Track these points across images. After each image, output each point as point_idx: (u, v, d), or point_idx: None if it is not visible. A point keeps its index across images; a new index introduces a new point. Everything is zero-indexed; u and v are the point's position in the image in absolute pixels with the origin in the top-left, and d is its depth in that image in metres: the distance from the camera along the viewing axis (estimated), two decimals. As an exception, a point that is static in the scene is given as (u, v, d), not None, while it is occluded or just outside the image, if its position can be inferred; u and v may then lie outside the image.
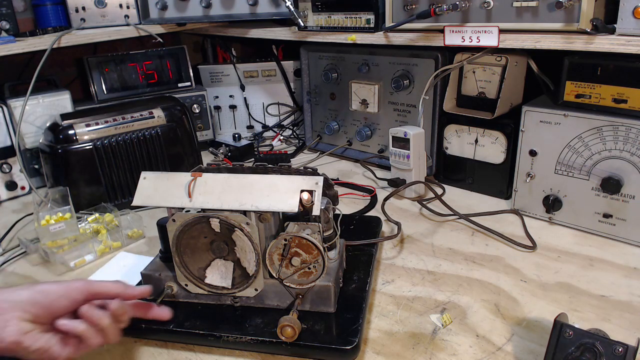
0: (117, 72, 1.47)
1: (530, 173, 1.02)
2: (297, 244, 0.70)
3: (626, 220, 0.92)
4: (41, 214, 1.03)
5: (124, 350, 0.73)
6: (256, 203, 0.69)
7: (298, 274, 0.72)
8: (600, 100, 0.91)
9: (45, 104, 1.30)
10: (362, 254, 0.87)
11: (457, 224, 1.05)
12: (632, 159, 0.89)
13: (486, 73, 1.10)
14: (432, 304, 0.79)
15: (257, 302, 0.76)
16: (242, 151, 1.51)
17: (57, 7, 1.33)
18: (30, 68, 1.40)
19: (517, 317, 0.76)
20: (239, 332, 0.70)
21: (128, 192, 1.18)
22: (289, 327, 0.66)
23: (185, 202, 0.71)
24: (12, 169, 1.29)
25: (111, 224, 1.06)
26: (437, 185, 1.22)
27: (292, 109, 1.68)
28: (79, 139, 1.12)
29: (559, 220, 1.01)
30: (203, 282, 0.75)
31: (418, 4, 1.06)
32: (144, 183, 0.74)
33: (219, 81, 1.63)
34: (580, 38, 0.86)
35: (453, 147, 1.19)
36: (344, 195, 1.22)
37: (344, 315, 0.73)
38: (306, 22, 1.27)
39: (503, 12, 0.94)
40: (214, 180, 0.72)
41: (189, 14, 1.39)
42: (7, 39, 1.20)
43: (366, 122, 1.38)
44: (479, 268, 0.89)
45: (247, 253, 0.72)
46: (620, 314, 0.75)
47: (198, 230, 0.72)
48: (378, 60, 1.29)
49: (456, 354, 0.69)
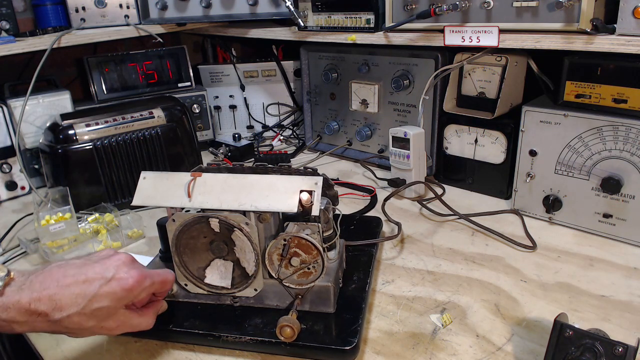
0: (117, 72, 1.47)
1: (530, 173, 1.02)
2: (296, 244, 0.70)
3: (626, 220, 0.92)
4: (41, 214, 1.03)
5: (124, 350, 0.73)
6: (255, 203, 0.69)
7: (297, 274, 0.72)
8: (600, 100, 0.91)
9: (45, 104, 1.30)
10: (362, 254, 0.87)
11: (457, 224, 1.05)
12: (632, 159, 0.89)
13: (486, 73, 1.10)
14: (432, 304, 0.79)
15: (257, 302, 0.76)
16: (242, 151, 1.51)
17: (57, 7, 1.33)
18: (30, 68, 1.40)
19: (517, 317, 0.76)
20: (239, 332, 0.70)
21: (128, 192, 1.18)
22: (288, 328, 0.66)
23: (184, 202, 0.71)
24: (12, 169, 1.29)
25: (111, 224, 1.06)
26: (437, 185, 1.22)
27: (292, 109, 1.68)
28: (79, 139, 1.12)
29: (559, 220, 1.01)
30: (203, 282, 0.75)
31: (418, 4, 1.06)
32: (144, 183, 0.74)
33: (219, 81, 1.63)
34: (580, 38, 0.86)
35: (453, 147, 1.19)
36: (344, 195, 1.22)
37: (344, 315, 0.73)
38: (306, 22, 1.27)
39: (503, 12, 0.94)
40: (213, 180, 0.72)
41: (189, 14, 1.39)
42: (7, 39, 1.20)
43: (366, 122, 1.38)
44: (479, 268, 0.89)
45: (247, 253, 0.72)
46: (620, 314, 0.75)
47: (197, 230, 0.72)
48: (378, 60, 1.29)
49: (456, 354, 0.69)
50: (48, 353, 0.74)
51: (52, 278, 0.59)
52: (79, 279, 0.59)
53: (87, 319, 0.60)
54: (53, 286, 0.58)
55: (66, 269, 0.61)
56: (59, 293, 0.58)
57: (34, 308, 0.57)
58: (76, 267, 0.61)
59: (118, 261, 0.63)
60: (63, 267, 0.61)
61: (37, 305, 0.57)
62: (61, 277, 0.59)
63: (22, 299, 0.57)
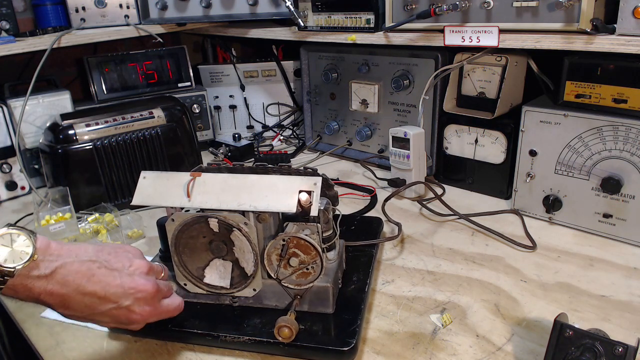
0: (117, 72, 1.47)
1: (530, 173, 1.02)
2: (295, 244, 0.70)
3: (626, 220, 0.92)
4: (41, 214, 1.03)
5: (124, 350, 0.73)
6: (254, 203, 0.69)
7: (296, 274, 0.72)
8: (600, 100, 0.91)
9: (45, 104, 1.30)
10: (362, 255, 0.87)
11: (457, 224, 1.05)
12: (632, 159, 0.88)
13: (486, 73, 1.10)
14: (432, 304, 0.79)
15: (256, 302, 0.76)
16: (242, 151, 1.51)
17: (57, 7, 1.33)
18: (30, 68, 1.40)
19: (517, 317, 0.76)
20: (237, 332, 0.70)
21: (128, 192, 1.18)
22: (286, 328, 0.66)
23: (184, 202, 0.71)
24: (12, 169, 1.29)
25: (111, 224, 1.06)
26: (437, 185, 1.22)
27: (292, 109, 1.68)
28: (79, 139, 1.12)
29: (559, 220, 1.01)
30: (202, 282, 0.75)
31: (418, 4, 1.06)
32: (144, 182, 0.74)
33: (219, 81, 1.63)
34: (580, 38, 0.86)
35: (453, 147, 1.19)
36: (344, 195, 1.21)
37: (343, 316, 0.73)
38: (306, 22, 1.27)
39: (503, 12, 0.94)
40: (213, 180, 0.72)
41: (189, 14, 1.39)
42: (7, 39, 1.20)
43: (366, 122, 1.38)
44: (479, 268, 0.89)
45: (246, 253, 0.72)
46: (620, 314, 0.75)
47: (197, 230, 0.72)
48: (378, 60, 1.29)
49: (456, 354, 0.69)
50: (48, 353, 0.74)
51: (77, 277, 0.58)
52: (99, 293, 0.59)
53: (84, 320, 0.63)
54: (72, 289, 0.58)
55: (95, 272, 0.60)
56: (73, 298, 0.58)
57: (43, 299, 0.57)
58: (104, 275, 0.60)
59: (141, 292, 0.62)
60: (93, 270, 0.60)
61: (47, 298, 0.57)
62: (85, 281, 0.58)
63: (35, 288, 0.56)
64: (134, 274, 0.63)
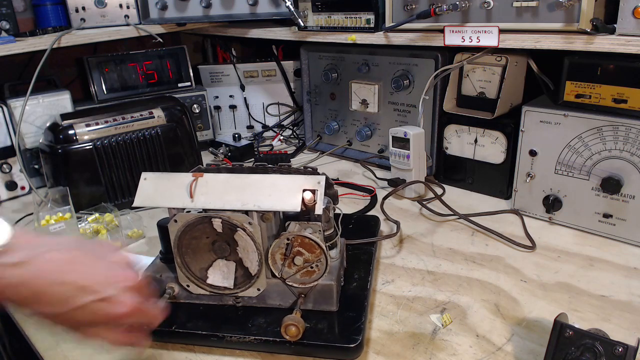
0: (117, 72, 1.47)
1: (530, 173, 1.02)
2: (299, 243, 0.70)
3: (626, 220, 0.93)
4: (41, 214, 1.03)
5: (124, 351, 0.73)
6: (258, 203, 0.69)
7: (300, 273, 0.72)
8: (600, 100, 0.91)
9: (45, 104, 1.30)
10: (361, 253, 0.87)
11: (457, 224, 1.05)
12: (632, 159, 0.89)
13: (486, 73, 1.10)
14: (432, 304, 0.80)
15: (260, 302, 0.76)
16: (242, 151, 1.51)
17: (57, 7, 1.33)
18: (30, 68, 1.40)
19: (517, 317, 0.76)
20: (242, 332, 0.71)
21: (128, 192, 1.18)
22: (293, 326, 0.66)
23: (187, 203, 0.71)
24: (12, 169, 1.29)
25: (111, 224, 1.06)
26: (437, 185, 1.22)
27: (292, 109, 1.68)
28: (79, 139, 1.12)
29: (559, 220, 1.01)
30: (205, 283, 0.75)
31: (418, 4, 1.06)
32: (145, 184, 0.74)
33: (219, 81, 1.63)
34: (580, 38, 0.86)
35: (453, 147, 1.19)
36: (344, 195, 1.22)
37: (347, 313, 0.73)
38: (306, 22, 1.27)
39: (503, 12, 0.94)
40: (215, 180, 0.72)
41: (189, 14, 1.39)
42: (7, 39, 1.20)
43: (366, 122, 1.38)
44: (479, 268, 0.89)
45: (250, 253, 0.72)
46: (620, 314, 0.76)
47: (200, 230, 0.72)
48: (378, 60, 1.29)
49: (456, 354, 0.69)
50: (48, 353, 0.74)
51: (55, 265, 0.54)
52: (79, 282, 0.54)
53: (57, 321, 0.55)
54: (48, 279, 0.52)
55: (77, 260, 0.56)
56: (48, 289, 0.52)
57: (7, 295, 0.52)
58: (87, 263, 0.56)
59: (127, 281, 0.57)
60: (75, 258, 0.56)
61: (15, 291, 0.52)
62: (65, 269, 0.54)
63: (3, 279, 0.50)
64: (119, 264, 0.59)
